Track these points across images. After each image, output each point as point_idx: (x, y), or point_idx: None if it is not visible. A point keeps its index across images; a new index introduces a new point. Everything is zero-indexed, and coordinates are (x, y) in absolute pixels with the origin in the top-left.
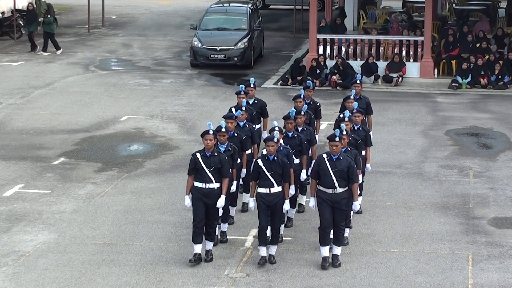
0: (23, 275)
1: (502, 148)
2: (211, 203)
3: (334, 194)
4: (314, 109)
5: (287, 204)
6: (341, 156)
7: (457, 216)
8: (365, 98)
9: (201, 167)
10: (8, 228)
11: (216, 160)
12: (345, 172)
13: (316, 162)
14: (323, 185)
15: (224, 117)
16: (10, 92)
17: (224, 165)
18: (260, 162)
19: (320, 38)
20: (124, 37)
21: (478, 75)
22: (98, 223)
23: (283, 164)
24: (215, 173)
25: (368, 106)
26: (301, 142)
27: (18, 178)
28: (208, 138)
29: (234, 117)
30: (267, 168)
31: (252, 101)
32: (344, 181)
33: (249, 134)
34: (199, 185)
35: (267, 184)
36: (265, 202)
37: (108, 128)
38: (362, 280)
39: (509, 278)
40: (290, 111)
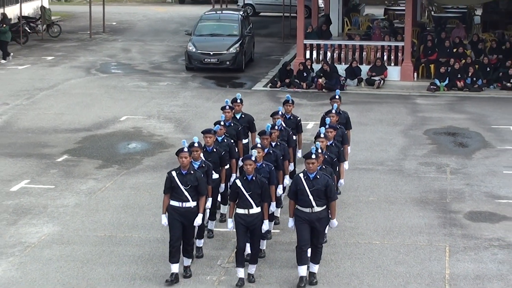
0: (29, 264)
1: (477, 147)
2: (188, 222)
3: (311, 213)
4: (294, 123)
5: (266, 225)
6: (318, 174)
7: (435, 210)
8: (344, 113)
9: (177, 186)
10: (15, 221)
11: (192, 178)
12: (323, 191)
13: (294, 182)
14: (301, 204)
15: (202, 132)
16: (17, 94)
17: (201, 182)
18: (239, 183)
19: (307, 43)
20: (123, 42)
21: (455, 78)
22: (99, 217)
23: (261, 184)
24: (192, 191)
25: (347, 121)
26: (277, 157)
27: (24, 174)
28: (184, 156)
29: (213, 132)
30: (246, 188)
31: (240, 115)
32: (322, 200)
33: (227, 148)
34: (175, 204)
35: (245, 205)
36: (243, 223)
37: (108, 128)
38: (346, 270)
39: (484, 269)
40: (266, 127)
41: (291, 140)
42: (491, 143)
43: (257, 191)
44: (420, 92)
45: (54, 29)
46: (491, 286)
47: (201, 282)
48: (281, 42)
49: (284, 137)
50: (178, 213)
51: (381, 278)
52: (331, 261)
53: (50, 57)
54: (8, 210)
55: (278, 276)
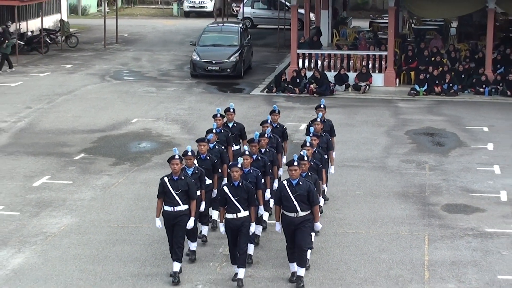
0: (50, 252)
1: (453, 146)
2: (179, 224)
3: (296, 217)
4: (281, 131)
5: (253, 227)
6: (301, 181)
7: (415, 203)
8: (329, 121)
9: (168, 191)
10: (37, 213)
11: (183, 183)
12: (306, 196)
13: (278, 189)
14: (286, 209)
15: (196, 141)
16: (39, 98)
17: (191, 187)
18: (226, 189)
19: (300, 52)
20: (135, 52)
21: (433, 84)
22: (112, 209)
23: (247, 189)
24: (182, 195)
25: (331, 129)
26: (265, 163)
27: (45, 171)
28: (175, 163)
29: (206, 140)
30: (233, 194)
31: (232, 124)
32: (305, 205)
33: (218, 155)
34: (168, 208)
35: (234, 210)
36: (232, 227)
37: (121, 129)
38: (335, 257)
39: (459, 255)
40: (255, 135)
41: (280, 147)
42: (465, 143)
43: (243, 196)
44: (402, 97)
45: (72, 40)
46: (465, 271)
47: (204, 267)
48: (277, 51)
49: (273, 144)
50: (171, 217)
51: (367, 264)
52: (322, 248)
53: (68, 65)
54: (31, 203)
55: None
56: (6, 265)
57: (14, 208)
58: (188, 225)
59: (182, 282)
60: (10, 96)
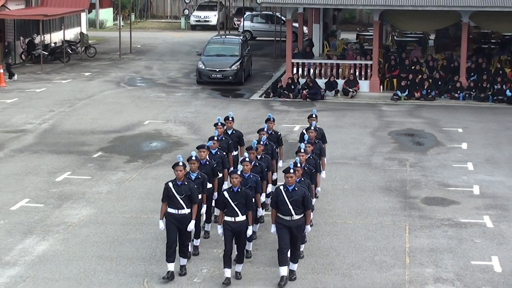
0: (71, 240)
1: (431, 145)
2: (183, 226)
3: (291, 220)
4: (276, 138)
5: (250, 230)
6: (296, 187)
7: (397, 196)
8: (320, 130)
9: (173, 195)
10: (59, 205)
11: (186, 188)
12: (300, 201)
13: (275, 193)
14: (282, 213)
15: (197, 147)
16: (61, 103)
17: (193, 192)
18: (226, 194)
19: (294, 62)
20: (146, 61)
21: (413, 90)
22: (126, 201)
23: (246, 194)
24: (186, 199)
25: (323, 136)
26: (262, 169)
27: (66, 167)
28: (179, 169)
29: (206, 147)
30: (232, 199)
31: (231, 131)
32: (300, 209)
33: (220, 160)
34: (172, 211)
35: (232, 214)
36: (230, 229)
37: (134, 130)
38: (326, 244)
39: (436, 243)
40: (252, 143)
41: (275, 153)
42: (442, 142)
43: (242, 201)
44: (385, 101)
45: (91, 50)
46: (442, 257)
47: (209, 254)
48: (273, 61)
49: (268, 151)
50: (174, 219)
51: (354, 251)
52: (314, 237)
53: (87, 73)
54: (54, 196)
55: (262, 274)
56: (31, 251)
57: (38, 201)
58: (189, 227)
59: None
60: (35, 100)
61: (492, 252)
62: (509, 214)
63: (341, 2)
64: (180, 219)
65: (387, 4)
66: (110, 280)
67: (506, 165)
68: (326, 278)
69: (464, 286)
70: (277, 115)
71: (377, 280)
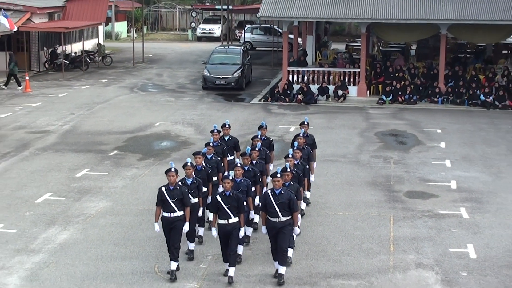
0: (89, 230)
1: (413, 144)
2: (175, 228)
3: (278, 222)
4: (268, 143)
5: (242, 231)
6: (283, 190)
7: (382, 190)
8: (311, 136)
9: (166, 199)
10: (79, 198)
11: (178, 192)
12: (287, 204)
13: (263, 197)
14: (270, 215)
15: (193, 154)
16: (80, 106)
17: (185, 196)
18: (219, 198)
19: (290, 69)
20: (157, 69)
21: (397, 95)
22: (139, 195)
23: (237, 198)
24: (178, 203)
25: (313, 142)
26: (255, 174)
27: (85, 164)
28: (171, 175)
29: (202, 153)
30: (225, 202)
31: (228, 138)
32: (286, 211)
33: (215, 165)
34: (165, 214)
35: (225, 216)
36: (224, 231)
37: (146, 131)
38: (318, 233)
39: (418, 232)
40: (246, 149)
41: (268, 158)
42: (423, 142)
43: (234, 204)
44: (372, 105)
45: (107, 59)
46: (423, 245)
47: (198, 264)
48: (271, 68)
49: (262, 156)
50: (168, 222)
51: (344, 239)
52: (307, 227)
53: (104, 80)
54: (74, 190)
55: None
56: (54, 240)
57: (60, 194)
58: (184, 229)
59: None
60: (58, 104)
61: (468, 240)
62: (483, 206)
63: (332, 16)
64: (173, 221)
65: (373, 18)
66: (125, 266)
67: (480, 162)
68: (318, 264)
69: (442, 271)
70: (274, 118)
71: (364, 265)
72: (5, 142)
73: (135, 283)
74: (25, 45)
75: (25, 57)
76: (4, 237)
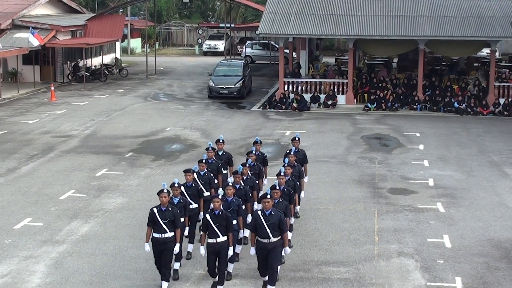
0: (108, 223)
1: (395, 146)
2: (166, 249)
3: (269, 243)
4: (262, 159)
5: (231, 251)
6: (273, 211)
7: (368, 187)
8: (302, 151)
9: (157, 220)
10: (98, 195)
11: (170, 213)
12: (277, 225)
13: (253, 218)
14: (260, 236)
15: (183, 171)
16: (99, 113)
17: (177, 217)
18: (208, 217)
19: (285, 80)
20: (168, 80)
21: (380, 102)
22: (152, 192)
23: (226, 217)
24: (169, 224)
25: (304, 157)
26: (246, 192)
27: (104, 165)
28: (163, 196)
29: (192, 171)
30: (214, 221)
31: (221, 153)
32: (277, 232)
33: (207, 181)
34: (156, 235)
35: (214, 235)
36: (213, 250)
37: (158, 135)
38: (311, 226)
39: (399, 224)
40: (238, 168)
41: (261, 173)
42: (404, 144)
43: (223, 223)
44: (358, 112)
45: (124, 72)
46: (404, 236)
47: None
48: (269, 79)
49: (255, 171)
50: (159, 243)
51: (334, 231)
52: (301, 220)
53: (121, 90)
54: (94, 188)
55: None
56: (76, 232)
57: (82, 191)
58: (174, 251)
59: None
60: (80, 111)
61: (444, 231)
62: (457, 201)
63: (322, 33)
64: (164, 242)
65: (359, 34)
66: (139, 255)
67: (454, 162)
68: (311, 253)
69: (421, 258)
70: (272, 123)
71: (352, 254)
72: (33, 145)
73: (148, 270)
74: (51, 59)
75: (51, 70)
76: (32, 230)
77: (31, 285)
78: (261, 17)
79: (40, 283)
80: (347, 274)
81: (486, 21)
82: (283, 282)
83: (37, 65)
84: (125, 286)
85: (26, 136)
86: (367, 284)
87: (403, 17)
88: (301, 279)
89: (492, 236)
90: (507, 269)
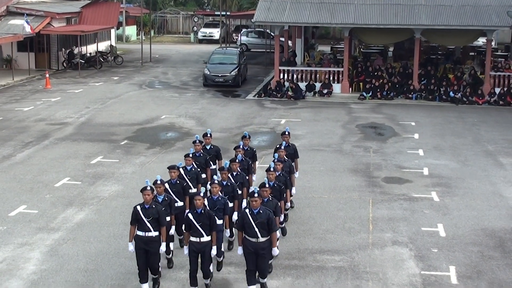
0: (103, 210)
1: (390, 135)
2: (151, 249)
3: (257, 242)
4: (251, 153)
5: (214, 250)
6: (261, 210)
7: (362, 176)
8: (293, 145)
9: (141, 218)
10: (94, 182)
11: (153, 211)
12: (266, 224)
13: (241, 216)
14: (248, 235)
15: (168, 168)
16: (94, 101)
17: (161, 215)
18: (190, 216)
19: (281, 68)
20: (163, 68)
21: (376, 91)
22: (147, 179)
23: (209, 216)
24: (153, 222)
25: (295, 151)
26: (233, 189)
27: (99, 153)
28: (147, 194)
29: (177, 167)
30: (196, 220)
31: (209, 147)
32: (265, 231)
33: (194, 176)
34: (139, 233)
35: (197, 234)
36: (195, 249)
37: (153, 123)
38: (306, 214)
39: (394, 213)
40: (224, 164)
41: (250, 168)
42: (399, 133)
43: (206, 222)
44: (353, 101)
45: (119, 59)
46: (398, 224)
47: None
48: (264, 68)
49: (244, 166)
50: (142, 242)
51: (328, 219)
52: (296, 208)
53: (116, 77)
54: (89, 176)
55: None
56: (71, 219)
57: (77, 179)
58: (160, 250)
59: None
60: (75, 99)
61: (438, 221)
62: (452, 190)
63: (318, 21)
64: (147, 241)
65: (355, 23)
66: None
67: (449, 151)
68: (306, 241)
69: (415, 247)
70: (267, 111)
71: (347, 242)
72: (28, 133)
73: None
74: (46, 46)
75: (46, 57)
76: (27, 217)
77: (26, 272)
78: (257, 5)
79: (35, 270)
80: (342, 262)
81: (482, 10)
82: (278, 271)
83: (32, 52)
84: (120, 273)
85: (21, 123)
86: (361, 272)
87: (399, 5)
88: (296, 267)
89: (486, 226)
90: (501, 258)
